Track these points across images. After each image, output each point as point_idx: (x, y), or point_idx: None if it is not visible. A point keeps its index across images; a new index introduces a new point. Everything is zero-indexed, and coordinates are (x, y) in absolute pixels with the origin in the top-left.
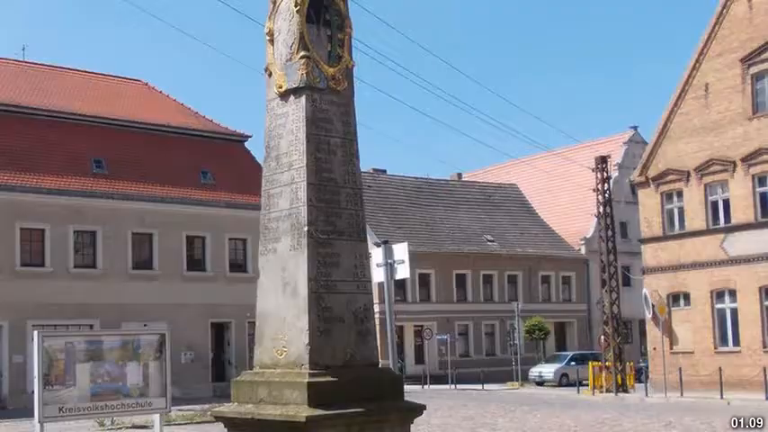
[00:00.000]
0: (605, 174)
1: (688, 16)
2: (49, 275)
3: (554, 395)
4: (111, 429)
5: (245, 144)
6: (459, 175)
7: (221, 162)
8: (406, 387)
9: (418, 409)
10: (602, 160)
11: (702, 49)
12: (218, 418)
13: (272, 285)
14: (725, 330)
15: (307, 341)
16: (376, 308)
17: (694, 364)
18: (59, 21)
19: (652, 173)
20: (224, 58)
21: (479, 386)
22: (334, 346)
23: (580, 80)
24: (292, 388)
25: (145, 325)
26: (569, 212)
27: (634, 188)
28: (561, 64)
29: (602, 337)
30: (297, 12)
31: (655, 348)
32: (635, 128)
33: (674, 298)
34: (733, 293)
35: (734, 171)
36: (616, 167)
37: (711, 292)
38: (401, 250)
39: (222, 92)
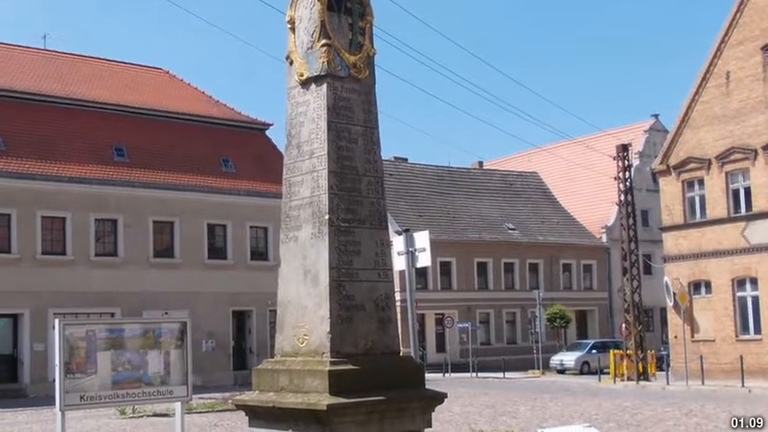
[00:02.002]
0: (626, 162)
1: (710, 4)
2: (70, 263)
3: (575, 383)
4: (132, 417)
5: (267, 132)
6: (481, 163)
7: (242, 150)
8: (428, 375)
9: (439, 397)
10: (624, 148)
11: (723, 37)
12: (239, 407)
13: (293, 273)
14: (746, 318)
15: (328, 329)
16: (397, 296)
17: (715, 352)
18: (80, 9)
19: (673, 161)
20: (245, 46)
21: (500, 374)
22: (355, 335)
23: (601, 68)
24: (313, 376)
25: (166, 313)
26: (590, 201)
27: (655, 176)
28: (582, 52)
29: (624, 325)
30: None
31: (676, 336)
32: (656, 116)
33: (696, 286)
34: (754, 281)
35: (755, 159)
36: (637, 156)
37: (732, 280)
38: (422, 238)
39: (243, 80)
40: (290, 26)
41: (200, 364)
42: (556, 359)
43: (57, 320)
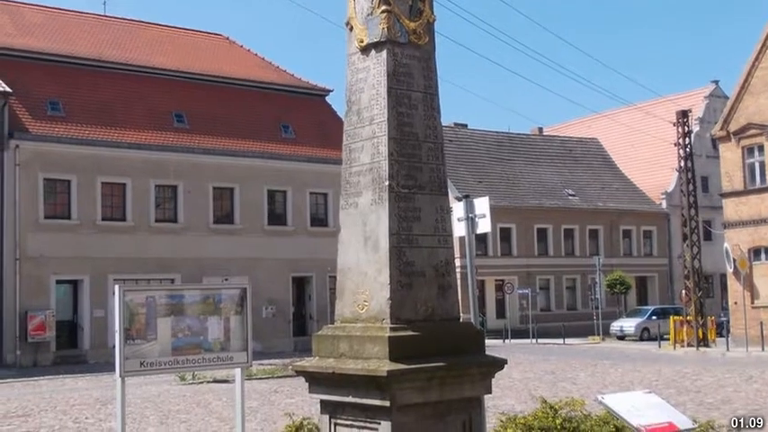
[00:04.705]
0: (686, 128)
1: None
2: (130, 230)
3: (635, 349)
4: (193, 384)
5: (326, 98)
6: (540, 129)
7: (302, 116)
8: (488, 341)
9: (499, 364)
10: (684, 114)
11: None
12: (299, 373)
13: (353, 240)
14: None
15: (388, 296)
16: (457, 262)
17: None
18: None
19: (733, 127)
20: (305, 12)
21: (560, 340)
22: (415, 301)
23: (661, 34)
24: (373, 342)
25: (226, 279)
26: (650, 167)
27: (715, 142)
28: (643, 18)
29: (684, 291)
30: None
31: (736, 303)
32: (716, 82)
33: (756, 252)
34: None
35: None
36: (697, 122)
37: None
38: (482, 204)
39: (303, 46)
40: None
41: (261, 330)
42: (616, 325)
43: (117, 286)
